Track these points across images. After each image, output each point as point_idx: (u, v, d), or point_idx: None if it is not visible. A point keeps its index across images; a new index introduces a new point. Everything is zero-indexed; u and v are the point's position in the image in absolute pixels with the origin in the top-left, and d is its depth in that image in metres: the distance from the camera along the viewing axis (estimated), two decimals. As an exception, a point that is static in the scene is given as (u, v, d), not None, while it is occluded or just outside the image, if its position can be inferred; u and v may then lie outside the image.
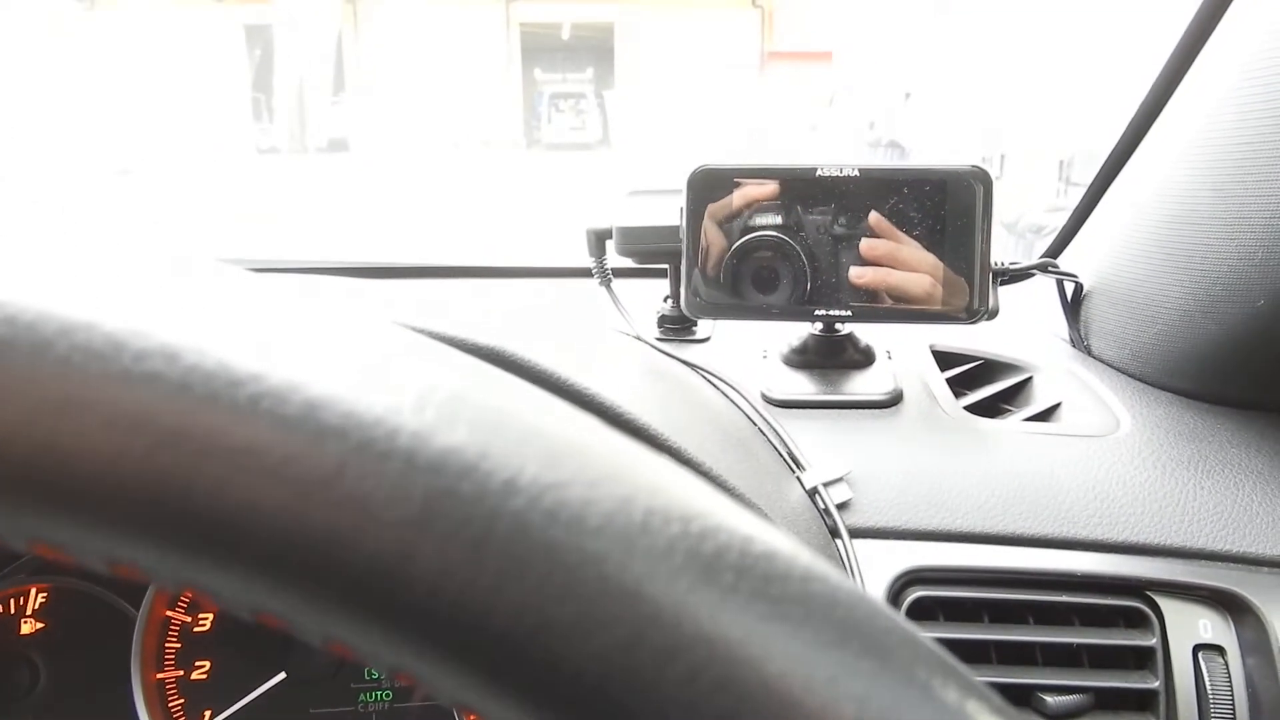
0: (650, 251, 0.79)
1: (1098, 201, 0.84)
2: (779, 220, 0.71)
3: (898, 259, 0.70)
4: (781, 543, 0.17)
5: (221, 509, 0.15)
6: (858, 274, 0.71)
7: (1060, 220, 0.91)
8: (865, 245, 0.70)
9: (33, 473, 0.15)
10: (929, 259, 0.70)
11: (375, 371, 0.17)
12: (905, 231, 0.70)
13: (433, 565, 0.15)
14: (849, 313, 0.72)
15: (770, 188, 0.71)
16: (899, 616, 0.17)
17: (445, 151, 12.78)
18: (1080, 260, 0.85)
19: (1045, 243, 0.94)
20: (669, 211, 0.76)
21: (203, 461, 0.15)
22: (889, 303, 0.71)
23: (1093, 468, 0.63)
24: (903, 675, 0.16)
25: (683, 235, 0.72)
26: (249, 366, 0.16)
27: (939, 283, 0.70)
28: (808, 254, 0.71)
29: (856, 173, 0.70)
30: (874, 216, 0.70)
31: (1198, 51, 0.72)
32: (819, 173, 0.70)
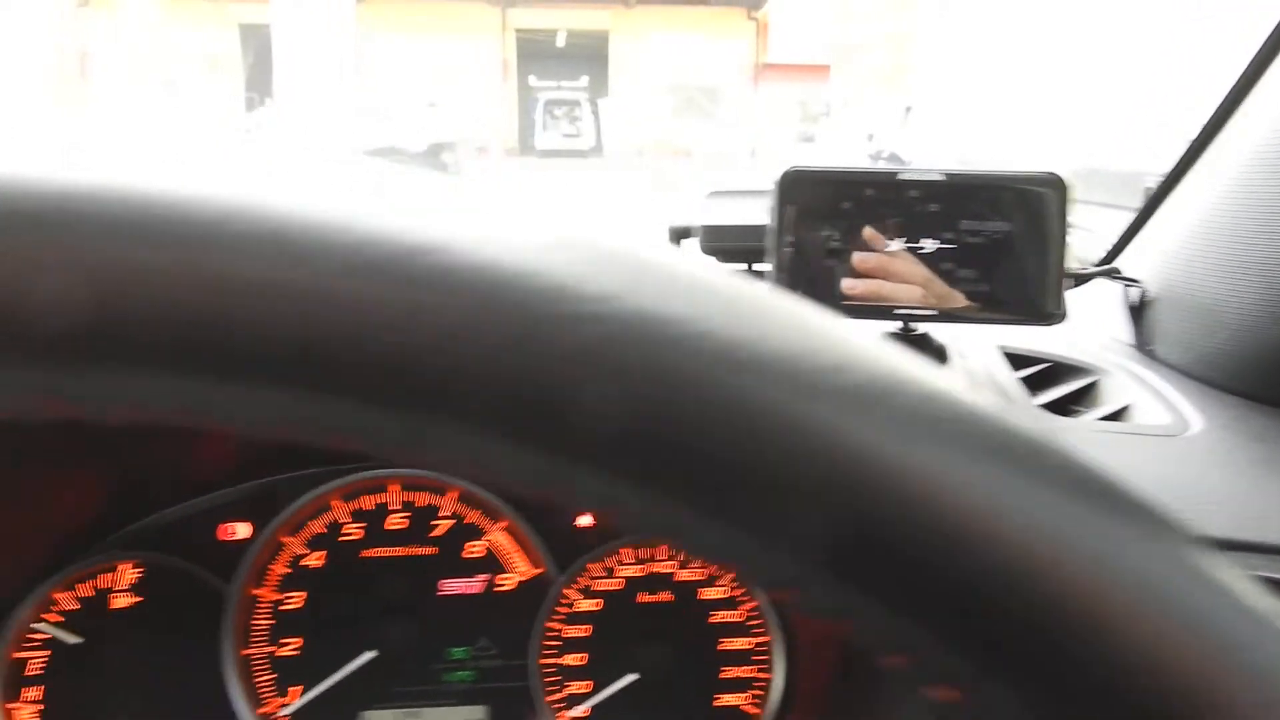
0: (734, 250, 0.81)
1: (1157, 208, 0.86)
2: (862, 223, 0.73)
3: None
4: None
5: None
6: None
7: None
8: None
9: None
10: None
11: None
12: (985, 235, 0.72)
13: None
14: (932, 312, 0.74)
15: (854, 191, 0.73)
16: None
17: (440, 157, 12.74)
18: (1139, 265, 0.87)
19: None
20: (751, 211, 0.78)
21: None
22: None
23: (1166, 466, 0.65)
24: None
25: (770, 235, 0.74)
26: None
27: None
28: (889, 255, 0.73)
29: (941, 178, 0.72)
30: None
31: (1275, 57, 0.74)
32: (902, 177, 0.73)
